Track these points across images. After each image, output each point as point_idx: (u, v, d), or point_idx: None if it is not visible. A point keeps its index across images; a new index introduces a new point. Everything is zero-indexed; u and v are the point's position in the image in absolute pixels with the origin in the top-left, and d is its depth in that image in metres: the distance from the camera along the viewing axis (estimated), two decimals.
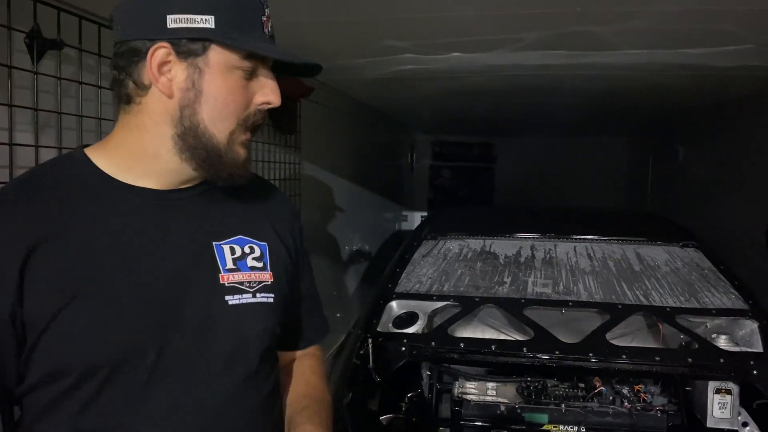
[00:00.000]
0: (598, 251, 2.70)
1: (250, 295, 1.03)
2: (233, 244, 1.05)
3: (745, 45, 2.49)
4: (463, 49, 2.73)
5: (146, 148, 0.98)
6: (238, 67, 0.95)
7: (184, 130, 0.96)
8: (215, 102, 0.95)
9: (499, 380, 2.29)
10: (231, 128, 0.97)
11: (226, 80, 0.95)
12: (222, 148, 0.97)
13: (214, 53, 0.94)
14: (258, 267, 1.06)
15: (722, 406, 2.04)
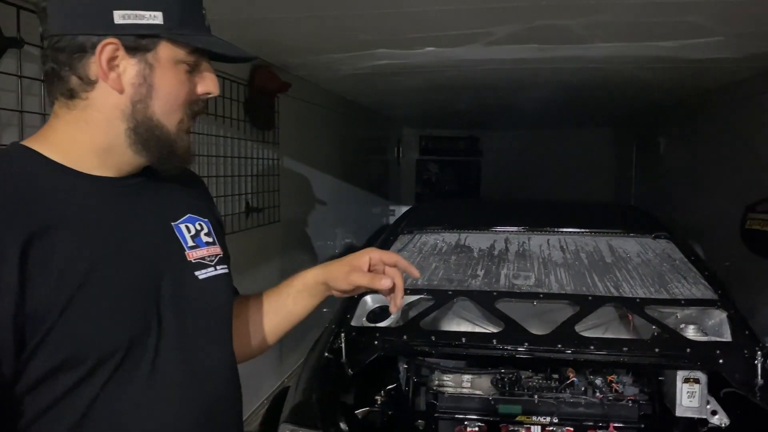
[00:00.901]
0: (571, 243, 2.71)
1: (212, 269, 1.10)
2: (187, 222, 1.11)
3: (715, 37, 2.51)
4: (436, 44, 2.73)
5: (98, 143, 0.99)
6: (184, 61, 0.99)
7: (137, 123, 0.98)
8: (167, 96, 0.99)
9: (474, 372, 2.31)
10: (179, 118, 1.01)
11: (175, 74, 0.99)
12: (173, 138, 1.01)
13: (163, 49, 0.97)
14: (210, 242, 1.12)
15: (691, 395, 2.07)
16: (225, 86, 2.87)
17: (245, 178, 3.24)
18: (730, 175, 3.88)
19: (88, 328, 0.92)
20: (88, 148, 0.99)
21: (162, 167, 1.05)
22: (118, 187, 1.02)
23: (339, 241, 5.36)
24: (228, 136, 3.01)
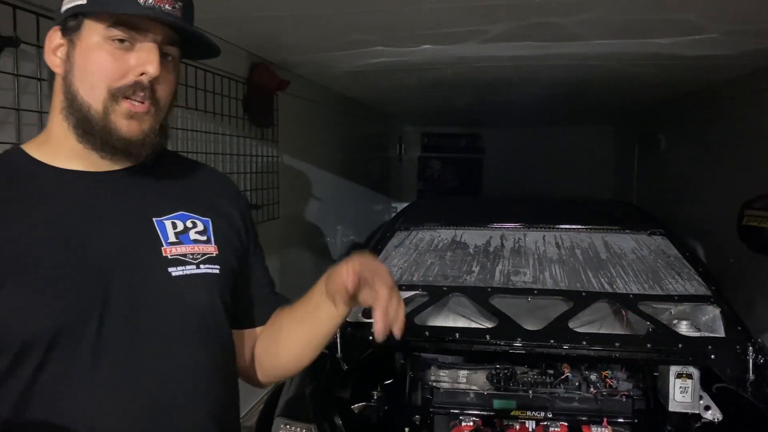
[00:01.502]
0: (567, 240, 2.73)
1: (193, 267, 1.05)
2: (175, 219, 1.07)
3: (710, 34, 2.52)
4: (432, 42, 2.75)
5: (57, 129, 1.02)
6: (109, 37, 0.97)
7: (68, 102, 0.99)
8: (84, 72, 0.97)
9: (470, 368, 2.33)
10: (103, 96, 0.97)
11: (94, 49, 0.97)
12: (95, 117, 0.98)
13: (86, 27, 0.97)
14: (201, 240, 1.08)
15: (683, 390, 2.08)
16: (223, 84, 2.89)
17: (244, 176, 3.27)
18: (731, 172, 3.88)
19: (12, 312, 0.93)
20: (55, 138, 1.02)
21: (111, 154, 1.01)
22: (92, 182, 1.02)
23: (340, 238, 5.38)
24: (227, 134, 3.03)
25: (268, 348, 1.21)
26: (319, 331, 1.17)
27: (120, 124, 0.98)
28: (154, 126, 1.02)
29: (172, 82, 1.05)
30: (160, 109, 1.02)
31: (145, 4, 0.95)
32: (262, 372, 1.25)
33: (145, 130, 1.01)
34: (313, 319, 1.16)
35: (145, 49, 0.98)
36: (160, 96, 1.01)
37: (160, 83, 1.01)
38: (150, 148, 1.02)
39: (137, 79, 0.97)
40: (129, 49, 0.97)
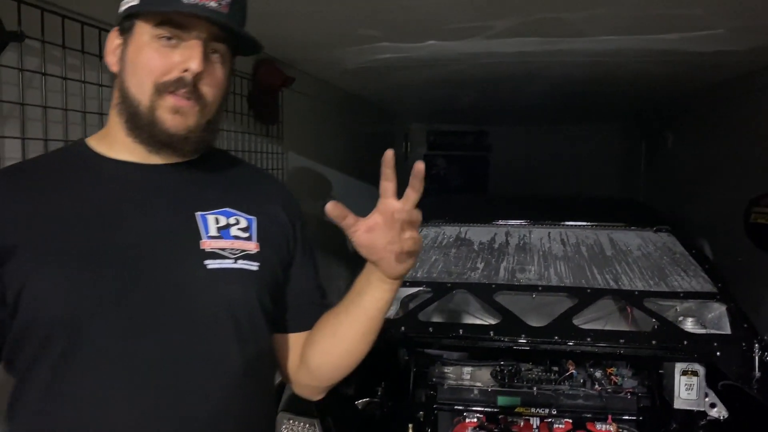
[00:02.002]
0: (572, 237, 2.72)
1: (231, 261, 1.06)
2: (218, 215, 1.08)
3: (717, 30, 2.50)
4: (437, 37, 2.74)
5: (113, 124, 1.06)
6: (156, 35, 1.00)
7: (121, 99, 1.04)
8: (133, 69, 1.01)
9: (474, 364, 2.32)
10: (150, 92, 1.00)
11: (143, 48, 1.00)
12: (143, 112, 1.01)
13: (137, 27, 1.01)
14: (243, 237, 1.09)
15: (689, 387, 2.07)
16: None
17: None
18: (739, 170, 3.86)
19: (39, 298, 0.96)
20: (112, 132, 1.07)
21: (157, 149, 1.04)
22: (141, 173, 1.06)
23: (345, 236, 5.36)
24: (231, 130, 3.03)
25: (317, 348, 1.18)
26: (365, 315, 1.13)
27: (165, 118, 1.01)
28: (200, 122, 1.04)
29: (220, 78, 1.05)
30: (205, 106, 1.04)
31: (189, 1, 0.97)
32: (312, 376, 1.21)
33: (190, 126, 1.03)
34: (357, 304, 1.13)
35: (189, 46, 1.00)
36: (205, 92, 1.03)
37: (205, 80, 1.02)
38: (194, 143, 1.05)
39: (181, 75, 1.00)
40: (175, 47, 1.00)
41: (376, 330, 1.14)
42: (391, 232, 1.04)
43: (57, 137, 1.79)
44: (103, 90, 1.96)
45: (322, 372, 1.20)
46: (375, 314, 1.12)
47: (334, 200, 1.01)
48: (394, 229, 1.03)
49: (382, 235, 1.04)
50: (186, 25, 1.00)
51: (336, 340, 1.15)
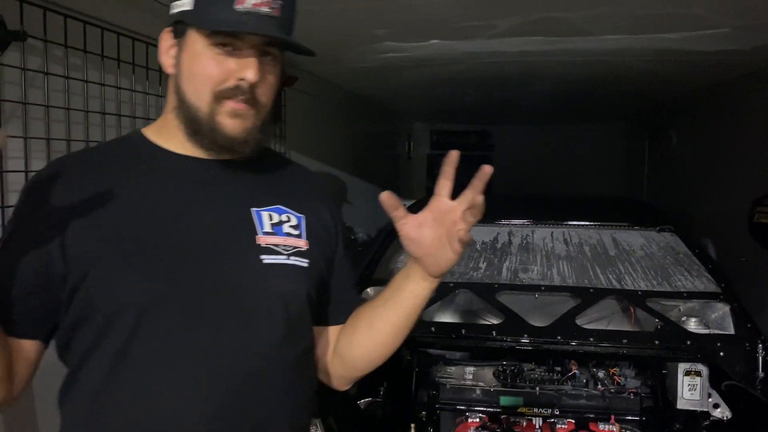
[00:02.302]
0: (575, 236, 2.71)
1: (284, 257, 1.10)
2: (272, 211, 1.12)
3: (720, 29, 2.49)
4: (440, 36, 2.74)
5: (170, 121, 1.10)
6: (210, 43, 1.01)
7: (178, 103, 1.07)
8: (189, 76, 1.04)
9: (477, 364, 2.32)
10: (208, 99, 1.03)
11: (198, 56, 1.02)
12: (203, 118, 1.04)
13: (189, 34, 1.04)
14: (294, 234, 1.13)
15: (692, 387, 2.06)
16: None
17: None
18: (743, 169, 3.84)
19: (102, 284, 1.00)
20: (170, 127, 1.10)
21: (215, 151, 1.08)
22: (201, 167, 1.09)
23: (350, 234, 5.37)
24: None
25: (352, 340, 1.23)
26: (402, 310, 1.16)
27: (225, 123, 1.04)
28: (257, 124, 1.07)
29: (274, 81, 1.08)
30: (261, 109, 1.06)
31: (243, 9, 0.99)
32: (345, 366, 1.25)
33: (248, 128, 1.06)
34: (395, 299, 1.17)
35: (244, 55, 1.02)
36: (261, 97, 1.05)
37: (260, 85, 1.04)
38: (253, 145, 1.08)
39: (237, 83, 1.02)
40: (230, 54, 1.02)
41: (411, 325, 1.18)
42: (440, 230, 1.08)
43: (59, 136, 1.79)
44: (105, 89, 1.96)
45: (356, 363, 1.24)
46: (412, 310, 1.16)
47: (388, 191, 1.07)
48: (443, 226, 1.08)
49: (430, 231, 1.08)
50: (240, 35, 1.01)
51: (372, 332, 1.20)
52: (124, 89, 2.06)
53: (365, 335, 1.21)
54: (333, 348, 1.25)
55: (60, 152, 1.79)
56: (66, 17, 1.76)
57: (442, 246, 1.08)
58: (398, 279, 1.16)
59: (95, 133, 1.93)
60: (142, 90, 2.15)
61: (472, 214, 1.07)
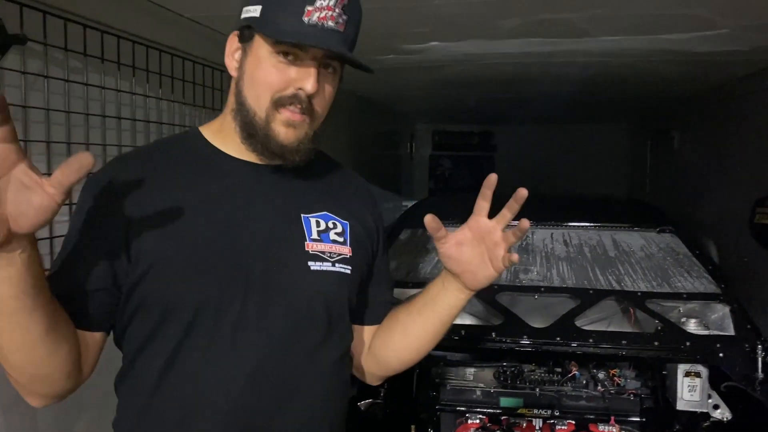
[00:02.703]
0: (575, 237, 2.71)
1: (330, 264, 1.15)
2: (319, 218, 1.18)
3: (721, 30, 2.49)
4: (440, 38, 2.74)
5: (228, 123, 1.14)
6: (274, 51, 1.05)
7: (238, 105, 1.11)
8: (252, 81, 1.08)
9: (477, 365, 2.33)
10: (266, 105, 1.07)
11: (262, 61, 1.06)
12: (259, 123, 1.08)
13: (256, 39, 1.08)
14: (339, 241, 1.18)
15: (692, 389, 2.07)
16: None
17: None
18: (746, 170, 3.83)
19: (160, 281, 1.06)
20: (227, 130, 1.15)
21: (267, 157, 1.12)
22: (255, 172, 1.14)
23: None
24: None
25: (387, 342, 1.29)
26: (437, 319, 1.24)
27: (279, 131, 1.08)
28: (309, 134, 1.11)
29: (330, 93, 1.12)
30: (315, 119, 1.11)
31: (309, 21, 1.03)
32: (379, 365, 1.33)
33: (300, 138, 1.10)
34: (430, 308, 1.23)
35: (305, 65, 1.06)
36: (317, 108, 1.10)
37: (318, 96, 1.08)
38: (304, 154, 1.12)
39: (296, 92, 1.06)
40: (292, 63, 1.06)
41: (445, 331, 1.26)
42: (479, 248, 1.14)
43: (59, 139, 1.80)
44: (106, 92, 1.97)
45: (389, 363, 1.32)
46: (447, 319, 1.24)
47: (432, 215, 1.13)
48: (482, 245, 1.14)
49: (469, 250, 1.15)
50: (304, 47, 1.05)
51: (406, 337, 1.27)
52: (124, 92, 2.07)
53: (400, 339, 1.28)
54: (368, 347, 1.32)
55: (60, 155, 1.80)
56: (66, 21, 1.77)
57: (483, 263, 1.15)
58: (434, 289, 1.23)
59: (95, 135, 1.93)
60: (142, 93, 2.16)
61: (513, 235, 1.13)
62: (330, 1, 1.03)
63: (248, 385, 1.08)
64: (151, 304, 1.07)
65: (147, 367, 1.09)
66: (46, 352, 1.00)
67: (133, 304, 1.08)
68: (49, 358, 1.00)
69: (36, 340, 0.97)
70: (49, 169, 1.73)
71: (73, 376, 1.06)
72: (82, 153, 0.86)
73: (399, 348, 1.29)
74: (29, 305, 0.94)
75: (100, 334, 1.10)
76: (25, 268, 0.90)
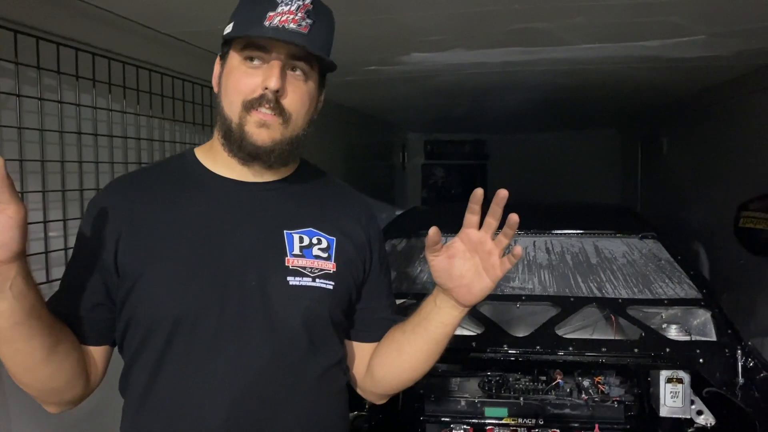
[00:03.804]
0: (557, 245, 2.71)
1: (310, 279, 1.16)
2: (303, 234, 1.19)
3: (696, 36, 2.50)
4: (419, 49, 2.75)
5: (216, 141, 1.19)
6: (242, 58, 1.11)
7: (219, 118, 1.16)
8: (226, 90, 1.14)
9: (461, 375, 2.32)
10: (238, 110, 1.11)
11: (233, 70, 1.12)
12: (234, 128, 1.12)
13: (230, 54, 1.14)
14: (322, 256, 1.19)
15: (674, 395, 2.06)
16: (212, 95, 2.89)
17: None
18: (732, 174, 3.84)
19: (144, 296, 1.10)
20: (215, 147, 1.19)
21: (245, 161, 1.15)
22: (240, 189, 1.18)
23: None
24: None
25: (382, 361, 1.29)
26: (431, 338, 1.23)
27: (251, 132, 1.11)
28: (286, 135, 1.13)
29: (303, 94, 1.14)
30: (290, 120, 1.13)
31: (270, 25, 1.08)
32: (375, 384, 1.33)
33: (275, 139, 1.13)
34: (423, 327, 1.23)
35: (269, 66, 1.10)
36: (288, 107, 1.12)
37: (287, 96, 1.11)
38: (280, 155, 1.14)
39: (263, 93, 1.10)
40: (258, 68, 1.11)
41: (441, 350, 1.25)
42: (473, 260, 1.16)
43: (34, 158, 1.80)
44: (81, 109, 1.97)
45: (386, 383, 1.33)
46: (441, 338, 1.23)
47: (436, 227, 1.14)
48: (475, 257, 1.15)
49: (461, 262, 1.16)
50: (267, 48, 1.10)
51: (401, 356, 1.27)
52: (100, 109, 2.07)
53: (395, 359, 1.28)
54: (366, 365, 1.32)
55: (35, 173, 1.80)
56: (38, 39, 1.77)
57: (477, 275, 1.15)
58: (427, 307, 1.23)
59: (70, 153, 1.93)
60: (119, 109, 2.16)
61: (504, 236, 1.14)
62: (291, 6, 1.08)
63: (227, 399, 1.09)
64: (137, 317, 1.11)
65: (137, 377, 1.13)
66: (50, 372, 1.07)
67: (124, 317, 1.13)
68: (54, 375, 1.08)
69: (38, 362, 1.04)
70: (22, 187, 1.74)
71: (82, 387, 1.13)
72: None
73: (394, 368, 1.29)
74: (26, 334, 0.99)
75: (101, 348, 1.17)
76: (16, 301, 0.94)
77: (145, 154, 2.32)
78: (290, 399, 1.14)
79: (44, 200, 1.82)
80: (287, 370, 1.14)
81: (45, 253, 1.82)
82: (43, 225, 1.81)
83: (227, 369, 1.10)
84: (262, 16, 1.08)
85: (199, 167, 1.21)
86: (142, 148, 2.30)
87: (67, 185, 1.92)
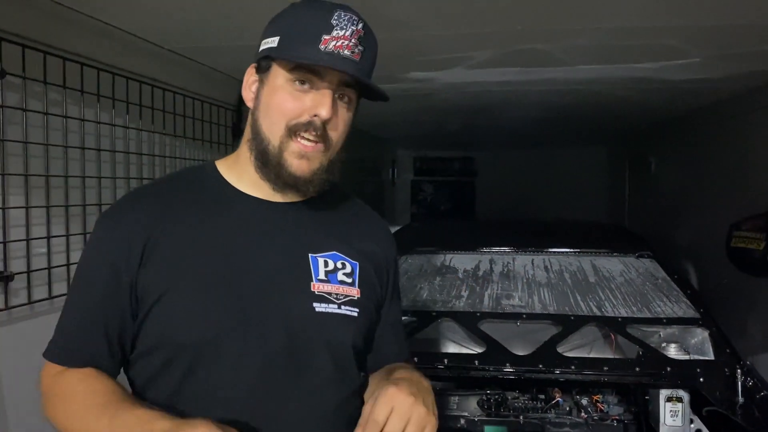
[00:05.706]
0: (555, 263, 2.73)
1: (336, 306, 1.12)
2: (327, 258, 1.15)
3: (692, 59, 2.55)
4: (418, 68, 2.77)
5: (243, 156, 1.14)
6: (290, 79, 1.06)
7: (253, 135, 1.11)
8: (267, 109, 1.08)
9: (461, 393, 2.32)
10: (281, 133, 1.07)
11: (277, 90, 1.07)
12: (272, 152, 1.08)
13: (273, 69, 1.08)
14: (347, 282, 1.15)
15: (674, 414, 2.07)
16: (212, 111, 2.90)
17: None
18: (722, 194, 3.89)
19: (167, 321, 1.06)
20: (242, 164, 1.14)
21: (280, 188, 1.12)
22: (265, 209, 1.14)
23: None
24: None
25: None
26: None
27: (291, 162, 1.08)
28: (323, 164, 1.10)
29: (346, 122, 1.11)
30: (330, 148, 1.10)
31: (325, 50, 1.03)
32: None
33: (314, 169, 1.10)
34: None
35: (321, 93, 1.06)
36: (332, 136, 1.09)
37: (333, 124, 1.08)
38: (317, 185, 1.12)
39: (311, 119, 1.06)
40: (307, 91, 1.06)
41: None
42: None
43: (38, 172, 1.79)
44: (85, 124, 1.97)
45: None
46: None
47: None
48: None
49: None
50: (319, 72, 1.05)
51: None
52: (104, 124, 2.07)
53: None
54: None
55: (39, 187, 1.79)
56: (45, 54, 1.77)
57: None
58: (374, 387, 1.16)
59: (73, 167, 1.92)
60: (122, 124, 2.16)
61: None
62: (347, 32, 1.04)
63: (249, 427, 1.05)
64: (158, 342, 1.07)
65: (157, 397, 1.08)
66: None
67: (143, 341, 1.09)
68: None
69: None
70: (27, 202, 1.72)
71: None
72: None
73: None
74: None
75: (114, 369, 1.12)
76: None
77: (146, 170, 2.32)
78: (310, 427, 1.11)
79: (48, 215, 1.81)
80: (310, 398, 1.10)
81: (48, 269, 1.80)
82: (46, 240, 1.80)
83: (248, 398, 1.07)
84: (317, 38, 1.03)
85: (222, 183, 1.16)
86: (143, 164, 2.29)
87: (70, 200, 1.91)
